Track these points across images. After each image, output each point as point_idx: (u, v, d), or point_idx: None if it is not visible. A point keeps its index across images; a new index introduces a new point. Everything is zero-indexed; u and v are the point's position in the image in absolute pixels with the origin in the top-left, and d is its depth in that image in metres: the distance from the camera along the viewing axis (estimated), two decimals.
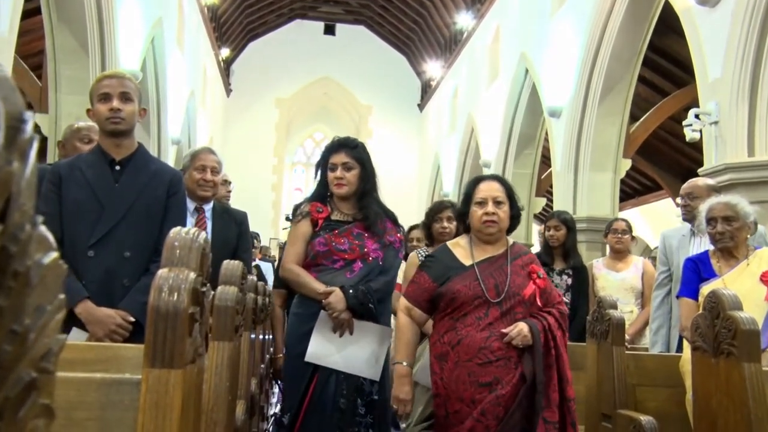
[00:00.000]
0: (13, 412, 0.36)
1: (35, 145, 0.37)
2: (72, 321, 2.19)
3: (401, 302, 2.48)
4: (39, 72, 7.97)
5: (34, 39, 9.14)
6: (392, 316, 3.03)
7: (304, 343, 2.56)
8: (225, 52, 16.94)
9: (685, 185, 3.54)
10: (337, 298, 2.53)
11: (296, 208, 2.76)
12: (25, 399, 0.37)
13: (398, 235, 2.76)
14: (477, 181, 2.49)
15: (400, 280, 4.22)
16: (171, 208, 2.35)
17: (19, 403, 0.37)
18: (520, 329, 2.24)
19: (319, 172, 2.76)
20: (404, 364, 2.40)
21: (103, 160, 2.32)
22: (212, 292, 1.12)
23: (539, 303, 2.34)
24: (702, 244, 3.29)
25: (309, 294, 2.59)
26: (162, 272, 0.97)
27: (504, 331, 2.25)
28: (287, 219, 2.76)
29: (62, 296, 0.41)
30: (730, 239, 2.62)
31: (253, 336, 2.68)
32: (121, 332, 2.19)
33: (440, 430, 2.32)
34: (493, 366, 2.22)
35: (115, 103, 2.28)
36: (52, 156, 6.44)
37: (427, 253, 3.51)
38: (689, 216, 3.42)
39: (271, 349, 4.65)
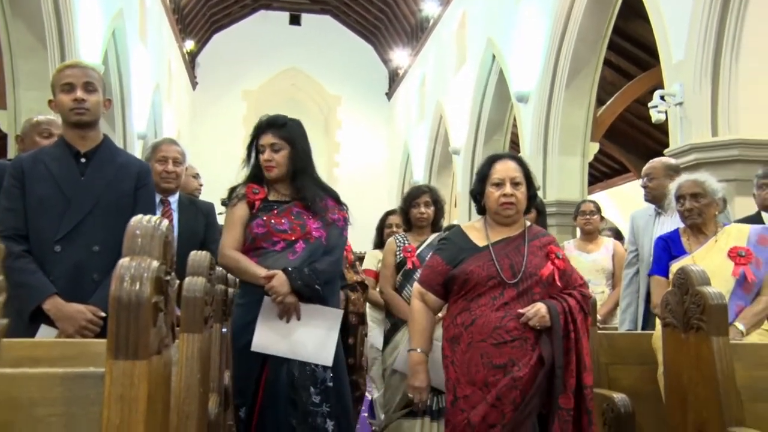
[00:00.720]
0: None
1: None
2: (40, 318, 2.14)
3: (414, 288, 2.40)
4: None
5: None
6: (340, 298, 2.98)
7: (250, 333, 2.43)
8: (189, 44, 16.68)
9: (645, 166, 3.60)
10: (280, 281, 2.38)
11: (231, 191, 2.61)
12: None
13: (341, 212, 2.62)
14: (492, 160, 2.36)
15: (373, 266, 4.18)
16: (140, 200, 2.30)
17: None
18: (537, 309, 2.13)
19: (250, 156, 2.62)
20: (419, 351, 2.32)
21: (67, 153, 2.26)
22: (177, 282, 1.09)
23: (559, 284, 2.23)
24: (665, 224, 3.34)
25: (250, 280, 2.45)
26: (123, 261, 0.94)
27: (521, 311, 2.15)
28: (223, 204, 2.61)
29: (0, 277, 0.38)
30: (698, 216, 2.66)
31: (225, 329, 2.64)
32: (92, 328, 2.14)
33: (448, 417, 2.20)
34: (509, 347, 2.12)
35: (79, 93, 2.22)
36: (13, 152, 6.28)
37: (404, 237, 3.53)
38: (650, 197, 3.49)
39: None
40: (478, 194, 2.37)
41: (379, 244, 4.16)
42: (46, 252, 2.17)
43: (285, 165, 2.53)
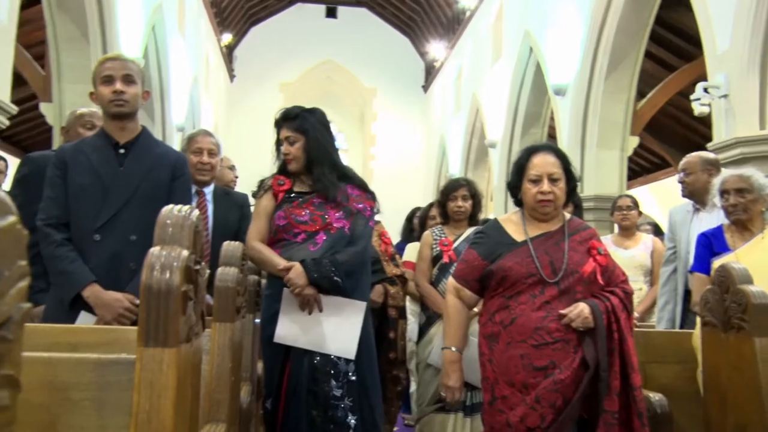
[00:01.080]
0: None
1: None
2: (80, 304, 2.19)
3: (449, 283, 2.31)
4: (42, 62, 7.95)
5: (36, 29, 9.11)
6: (369, 289, 2.87)
7: (275, 324, 2.45)
8: (227, 37, 16.84)
9: (682, 161, 3.51)
10: (296, 273, 2.38)
11: (260, 183, 2.65)
12: None
13: (368, 201, 2.59)
14: (530, 152, 2.25)
15: (412, 258, 4.10)
16: (176, 190, 2.34)
17: None
18: (580, 310, 2.04)
19: (280, 149, 2.64)
20: (453, 349, 2.25)
21: (107, 144, 2.31)
22: (207, 271, 1.10)
23: (601, 281, 2.15)
24: (703, 220, 3.26)
25: (271, 271, 2.48)
26: (154, 250, 0.95)
27: (562, 311, 2.05)
28: (253, 195, 2.66)
29: (23, 263, 0.38)
30: (743, 211, 2.59)
31: (257, 320, 2.67)
32: (128, 315, 2.18)
33: (486, 417, 2.14)
34: (550, 348, 2.03)
35: (119, 86, 2.27)
36: (57, 143, 6.43)
37: (441, 231, 3.49)
38: (686, 192, 3.40)
39: None
40: (514, 187, 2.29)
41: (419, 236, 4.13)
42: (85, 240, 2.22)
43: (301, 157, 2.54)
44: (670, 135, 11.75)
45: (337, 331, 2.43)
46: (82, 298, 2.18)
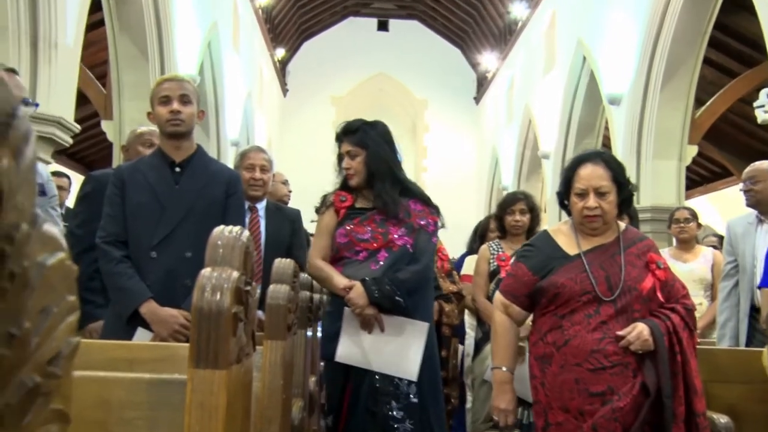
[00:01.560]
0: (16, 418, 0.34)
1: (31, 141, 0.35)
2: (138, 321, 2.25)
3: (496, 298, 2.19)
4: (104, 81, 8.26)
5: (100, 49, 9.47)
6: (432, 309, 2.80)
7: (334, 343, 2.43)
8: (280, 52, 17.15)
9: (747, 169, 3.38)
10: (357, 293, 2.36)
11: (323, 198, 2.62)
12: (29, 405, 0.35)
13: (432, 216, 2.53)
14: (577, 163, 2.10)
15: (470, 271, 3.99)
16: (230, 208, 2.38)
17: (22, 410, 0.35)
18: (639, 332, 1.90)
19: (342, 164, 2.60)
20: (504, 369, 2.11)
21: (163, 163, 2.37)
22: (258, 291, 1.11)
23: (660, 298, 2.00)
24: None
25: (332, 290, 2.47)
26: (205, 272, 0.97)
27: (620, 333, 1.91)
28: (316, 211, 2.62)
29: (72, 298, 0.39)
30: None
31: (310, 333, 2.68)
32: (184, 332, 2.22)
33: None
34: (607, 373, 1.90)
35: (175, 106, 2.33)
36: (117, 161, 6.66)
37: (498, 245, 3.43)
38: (752, 201, 3.26)
39: None
40: (563, 198, 2.16)
41: (478, 249, 4.08)
42: (143, 257, 2.28)
43: (362, 171, 2.50)
44: (731, 143, 11.37)
45: (398, 351, 2.38)
46: (139, 314, 2.23)
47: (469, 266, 4.08)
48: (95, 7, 6.94)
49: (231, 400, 0.95)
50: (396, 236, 2.44)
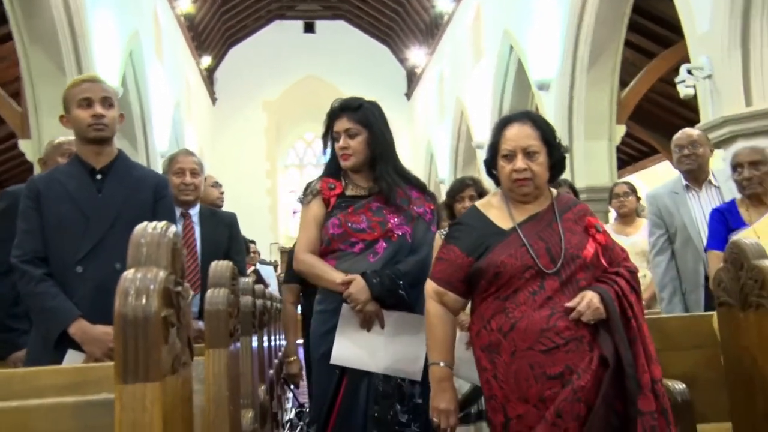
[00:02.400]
0: None
1: None
2: (66, 343, 2.08)
3: (428, 287, 1.94)
4: (19, 99, 7.84)
5: (10, 65, 9.01)
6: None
7: (328, 343, 2.20)
8: (206, 60, 16.78)
9: (683, 134, 3.37)
10: (358, 287, 2.14)
11: (307, 187, 2.39)
12: None
13: (428, 204, 2.33)
14: (503, 124, 1.91)
15: None
16: (159, 213, 2.23)
17: None
18: (589, 300, 1.74)
19: (328, 145, 2.37)
20: (441, 364, 1.89)
21: (82, 170, 2.20)
22: (190, 293, 1.00)
23: (604, 263, 1.85)
24: (701, 198, 3.17)
25: (327, 286, 2.23)
26: (127, 274, 0.86)
27: (569, 305, 1.75)
28: (299, 201, 2.38)
29: None
30: (758, 184, 2.54)
31: (255, 341, 2.56)
32: None
33: None
34: (562, 351, 1.73)
35: (99, 109, 2.17)
36: None
37: None
38: (694, 166, 3.24)
39: (280, 353, 4.54)
40: (491, 165, 1.96)
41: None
42: (67, 273, 2.11)
43: (363, 152, 2.27)
44: (655, 121, 11.75)
45: (400, 349, 2.18)
46: (68, 336, 2.07)
47: None
48: (1, 19, 6.58)
49: (168, 415, 0.85)
50: (395, 225, 2.25)
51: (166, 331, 0.85)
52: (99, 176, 2.20)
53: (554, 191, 1.98)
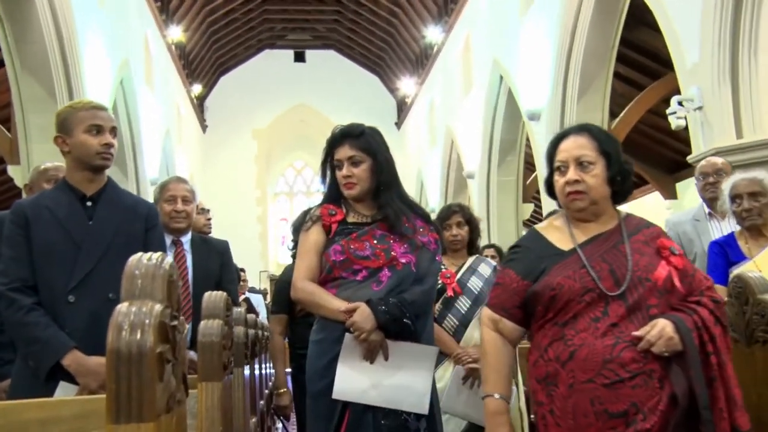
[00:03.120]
0: None
1: None
2: (58, 374, 2.00)
3: (484, 314, 1.85)
4: (9, 125, 7.80)
5: (1, 92, 8.98)
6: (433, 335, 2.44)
7: (328, 376, 2.08)
8: (197, 88, 16.82)
9: (706, 164, 3.33)
10: (363, 315, 2.03)
11: (305, 214, 2.32)
12: None
13: (432, 234, 2.26)
14: (558, 138, 1.81)
15: None
16: (150, 242, 2.18)
17: None
18: (661, 329, 1.56)
19: (327, 173, 2.30)
20: (497, 396, 1.74)
21: (72, 197, 2.14)
22: (186, 327, 0.96)
23: (681, 289, 1.66)
24: (722, 227, 3.13)
25: (328, 315, 2.12)
26: (120, 308, 0.82)
27: (637, 334, 1.58)
28: (294, 229, 2.25)
29: None
30: (758, 216, 2.49)
31: (247, 372, 2.50)
32: None
33: None
34: (627, 387, 1.55)
35: (110, 138, 2.15)
36: None
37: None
38: (715, 195, 3.20)
39: (270, 384, 4.46)
40: (549, 185, 1.83)
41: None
42: (59, 304, 2.04)
43: (367, 180, 2.21)
44: (644, 153, 11.85)
45: (405, 382, 2.08)
46: (60, 368, 1.99)
47: None
48: None
49: None
50: (400, 254, 2.16)
51: (161, 367, 0.80)
52: (89, 203, 2.15)
53: (622, 212, 1.83)
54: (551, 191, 1.82)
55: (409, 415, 2.07)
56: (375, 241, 2.16)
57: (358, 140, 2.23)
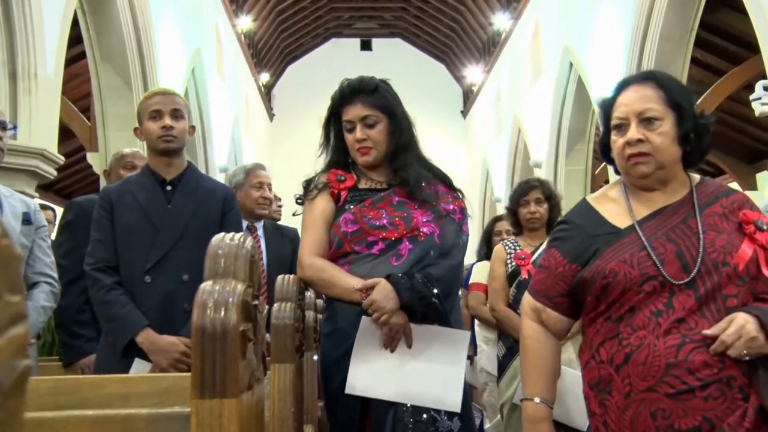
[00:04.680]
0: None
1: None
2: (134, 351, 2.10)
3: (524, 302, 1.58)
4: (89, 114, 8.14)
5: (83, 82, 9.36)
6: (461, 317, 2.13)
7: (344, 372, 1.79)
8: (265, 77, 17.11)
9: None
10: (383, 292, 1.71)
11: (309, 182, 1.98)
12: None
13: (457, 201, 1.94)
14: (618, 89, 1.49)
15: (482, 279, 3.49)
16: (227, 226, 2.24)
17: None
18: (740, 326, 1.26)
19: (331, 135, 1.98)
20: (537, 401, 1.48)
21: (153, 181, 2.24)
22: (266, 306, 0.97)
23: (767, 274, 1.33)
24: None
25: (341, 296, 1.81)
26: (205, 286, 0.83)
27: (709, 332, 1.29)
28: (297, 202, 1.98)
29: (15, 298, 0.25)
30: None
31: (316, 357, 2.53)
32: (185, 360, 2.07)
33: None
34: (699, 398, 1.27)
35: (167, 121, 2.20)
36: None
37: (515, 243, 2.94)
38: None
39: None
40: (605, 146, 1.52)
41: (487, 254, 3.64)
42: (136, 283, 2.14)
43: (384, 143, 1.89)
44: (721, 141, 11.35)
45: (435, 374, 1.76)
46: (136, 345, 2.09)
47: (478, 273, 3.66)
48: (76, 39, 6.85)
49: None
50: (421, 222, 1.84)
51: (244, 345, 0.82)
52: (169, 187, 2.23)
53: (695, 177, 1.50)
54: (608, 155, 1.51)
55: (438, 413, 1.75)
56: (392, 209, 1.84)
57: (373, 97, 1.91)
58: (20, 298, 0.26)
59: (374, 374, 1.76)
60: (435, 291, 1.76)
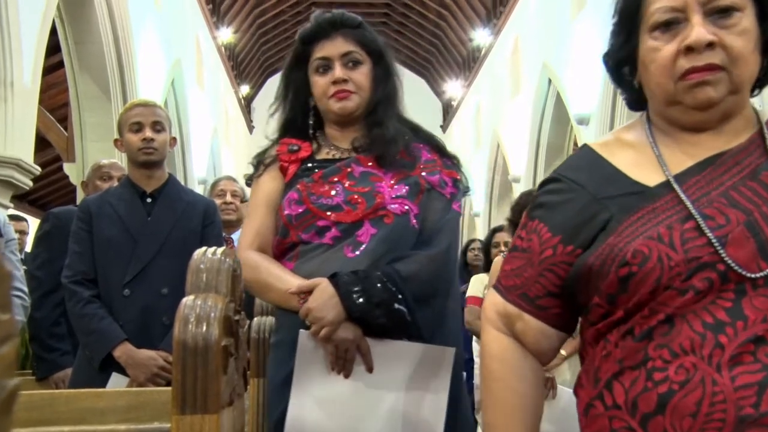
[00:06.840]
0: None
1: None
2: (111, 365, 2.07)
3: (488, 306, 1.00)
4: (66, 123, 8.06)
5: (60, 91, 9.27)
6: (459, 326, 1.61)
7: (286, 399, 1.32)
8: (245, 89, 17.09)
9: None
10: (321, 298, 1.28)
11: (256, 157, 1.56)
12: None
13: (448, 172, 1.48)
14: None
15: (479, 293, 3.35)
16: (207, 238, 2.22)
17: None
18: None
19: (290, 86, 1.56)
20: None
21: (133, 193, 2.22)
22: (247, 322, 0.97)
23: None
24: None
25: (279, 301, 1.38)
26: (186, 300, 0.82)
27: None
28: (247, 184, 1.58)
29: (4, 316, 0.25)
30: None
31: None
32: (163, 374, 2.05)
33: None
34: None
35: (148, 133, 2.18)
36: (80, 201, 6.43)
37: None
38: None
39: None
40: (622, 62, 0.98)
41: (486, 266, 3.65)
42: (115, 296, 2.11)
43: (368, 89, 1.47)
44: None
45: (407, 405, 1.30)
46: (113, 359, 2.06)
47: (474, 287, 3.48)
48: (54, 48, 6.79)
49: None
50: (389, 198, 1.38)
51: (225, 361, 0.81)
52: (149, 200, 2.22)
53: (758, 106, 0.94)
54: (618, 76, 0.99)
55: None
56: (351, 182, 1.40)
57: (356, 31, 1.49)
58: (9, 317, 0.26)
59: (320, 408, 1.30)
60: (400, 295, 1.28)
